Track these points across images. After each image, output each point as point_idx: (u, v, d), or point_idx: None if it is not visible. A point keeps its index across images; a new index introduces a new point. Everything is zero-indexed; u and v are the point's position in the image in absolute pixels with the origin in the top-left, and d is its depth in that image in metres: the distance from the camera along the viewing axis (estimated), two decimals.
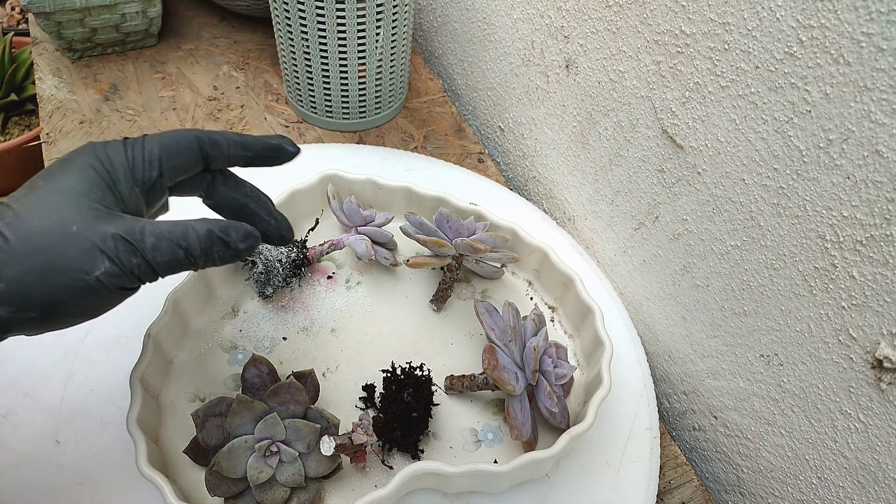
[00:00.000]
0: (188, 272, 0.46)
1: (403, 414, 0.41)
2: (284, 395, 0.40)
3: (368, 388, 0.45)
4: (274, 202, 0.51)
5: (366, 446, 0.40)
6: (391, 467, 0.42)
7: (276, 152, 0.35)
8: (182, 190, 0.35)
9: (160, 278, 0.30)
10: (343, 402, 0.45)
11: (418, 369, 0.43)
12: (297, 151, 0.36)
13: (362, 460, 0.41)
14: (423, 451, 0.43)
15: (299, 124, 0.67)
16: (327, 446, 0.39)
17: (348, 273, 0.53)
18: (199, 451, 0.40)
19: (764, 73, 0.36)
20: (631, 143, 0.48)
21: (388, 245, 0.53)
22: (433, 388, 0.44)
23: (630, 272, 0.53)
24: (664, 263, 0.49)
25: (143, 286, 0.30)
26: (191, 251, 0.30)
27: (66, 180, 0.28)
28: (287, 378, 0.42)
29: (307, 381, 0.42)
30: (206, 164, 0.34)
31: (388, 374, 0.43)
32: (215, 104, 0.68)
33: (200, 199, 0.37)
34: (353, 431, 0.40)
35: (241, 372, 0.42)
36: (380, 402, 0.43)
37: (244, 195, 0.37)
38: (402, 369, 0.43)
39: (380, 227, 0.52)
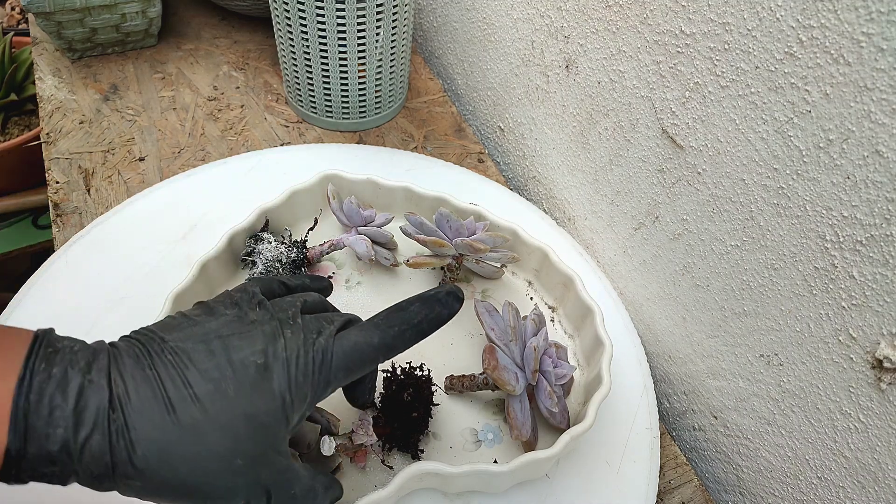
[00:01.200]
0: (190, 271, 0.46)
1: (403, 414, 0.41)
2: None
3: None
4: (274, 202, 0.51)
5: (366, 446, 0.40)
6: (391, 467, 0.42)
7: (446, 320, 0.36)
8: None
9: None
10: (343, 402, 0.45)
11: (418, 369, 0.43)
12: (462, 298, 0.36)
13: (362, 460, 0.41)
14: (423, 451, 0.43)
15: (299, 124, 0.67)
16: (327, 446, 0.39)
17: (348, 273, 0.53)
18: None
19: (764, 73, 0.36)
20: (631, 143, 0.48)
21: (388, 245, 0.53)
22: (433, 388, 0.44)
23: (630, 272, 0.53)
24: (664, 263, 0.49)
25: None
26: None
27: (257, 404, 0.28)
28: None
29: None
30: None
31: (389, 375, 0.43)
32: (215, 104, 0.68)
33: None
34: (353, 431, 0.40)
35: None
36: (380, 402, 0.43)
37: (372, 377, 0.39)
38: (402, 369, 0.43)
39: (380, 227, 0.52)
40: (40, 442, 0.24)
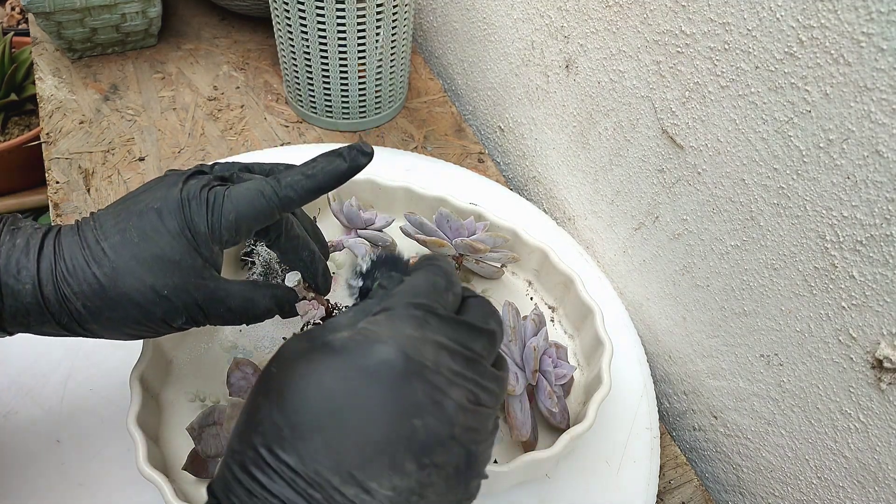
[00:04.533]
0: None
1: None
2: None
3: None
4: None
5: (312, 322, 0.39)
6: None
7: (347, 174, 0.36)
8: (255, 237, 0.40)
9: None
10: None
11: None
12: (369, 153, 0.36)
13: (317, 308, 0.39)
14: None
15: (299, 124, 0.67)
16: (294, 278, 0.40)
17: (349, 274, 0.53)
18: (200, 464, 0.39)
19: (764, 73, 0.36)
20: (631, 143, 0.48)
21: (388, 249, 0.53)
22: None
23: (630, 272, 0.53)
24: (664, 263, 0.49)
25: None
26: (248, 319, 0.37)
27: (161, 244, 0.33)
28: None
29: None
30: (281, 215, 0.37)
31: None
32: (215, 104, 0.68)
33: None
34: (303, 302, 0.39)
35: (226, 378, 0.42)
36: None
37: (301, 258, 0.40)
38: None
39: (380, 230, 0.52)
40: (13, 298, 0.31)
